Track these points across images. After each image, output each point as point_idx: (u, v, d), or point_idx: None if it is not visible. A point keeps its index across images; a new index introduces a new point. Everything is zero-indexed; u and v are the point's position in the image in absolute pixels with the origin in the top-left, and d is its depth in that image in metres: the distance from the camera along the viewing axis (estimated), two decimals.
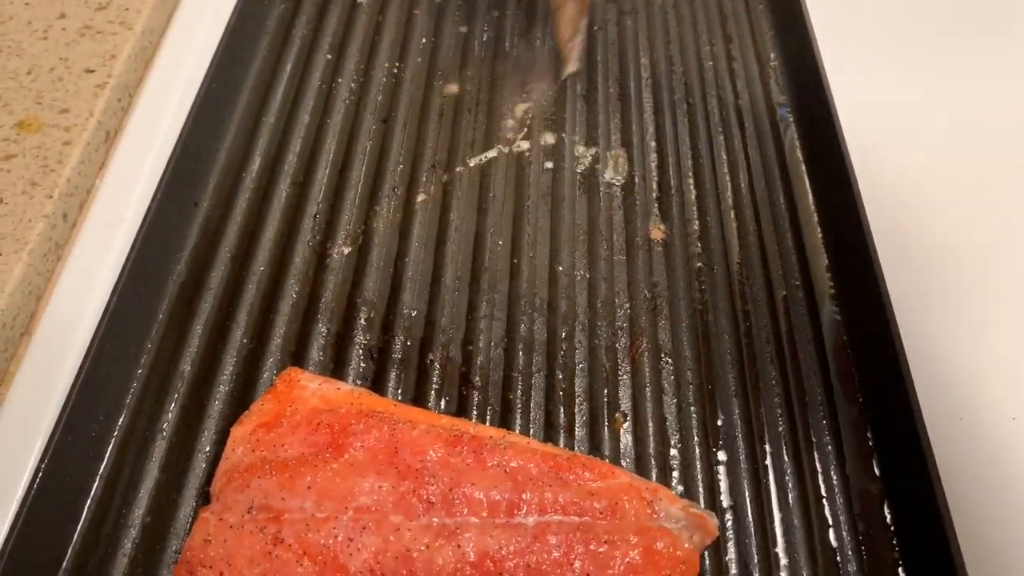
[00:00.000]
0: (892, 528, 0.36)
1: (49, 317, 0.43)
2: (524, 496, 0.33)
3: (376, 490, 0.33)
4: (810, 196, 0.48)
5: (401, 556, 0.31)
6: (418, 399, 0.39)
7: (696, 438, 0.38)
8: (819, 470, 0.38)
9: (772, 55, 0.56)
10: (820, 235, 0.46)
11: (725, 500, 0.37)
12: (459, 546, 0.31)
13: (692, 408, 0.39)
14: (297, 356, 0.40)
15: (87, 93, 0.51)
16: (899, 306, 0.40)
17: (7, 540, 0.32)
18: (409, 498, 0.33)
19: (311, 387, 0.37)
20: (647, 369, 0.40)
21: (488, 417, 0.39)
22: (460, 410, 0.39)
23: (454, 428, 0.35)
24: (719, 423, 0.39)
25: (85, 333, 0.41)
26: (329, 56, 0.54)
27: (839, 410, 0.40)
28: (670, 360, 0.41)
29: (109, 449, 0.37)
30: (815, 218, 0.47)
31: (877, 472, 0.38)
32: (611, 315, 0.42)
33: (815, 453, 0.38)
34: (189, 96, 0.52)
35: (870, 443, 0.38)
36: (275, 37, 0.55)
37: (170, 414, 0.38)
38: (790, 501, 0.37)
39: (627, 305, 0.42)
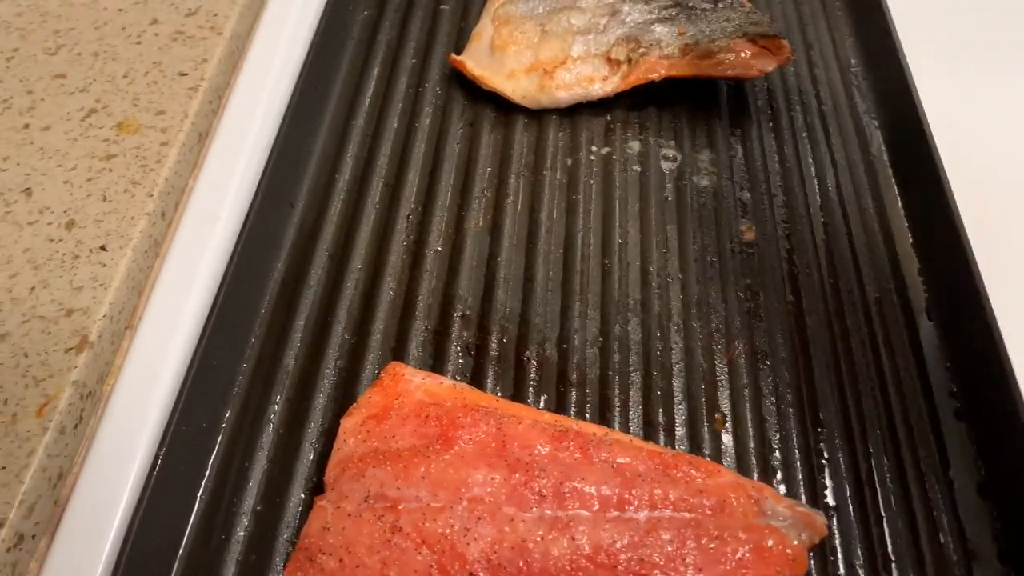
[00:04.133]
0: (998, 530, 0.36)
1: (150, 312, 0.44)
2: (634, 492, 0.33)
3: (488, 482, 0.33)
4: (899, 201, 0.48)
5: (517, 546, 0.32)
6: (517, 395, 0.39)
7: (796, 439, 0.38)
8: (922, 472, 0.37)
9: (853, 61, 0.56)
10: (910, 239, 0.46)
11: (828, 501, 0.37)
12: (573, 539, 0.32)
13: (791, 410, 0.39)
14: (397, 352, 0.41)
15: (181, 96, 0.53)
16: (995, 305, 0.40)
17: (129, 528, 0.33)
18: (521, 490, 0.33)
19: (415, 381, 0.37)
20: (744, 371, 0.40)
21: (587, 414, 0.39)
22: (559, 407, 0.39)
23: (558, 424, 0.36)
24: (819, 425, 0.39)
25: (186, 327, 0.43)
26: (414, 60, 0.55)
27: (939, 412, 0.39)
28: (767, 362, 0.41)
29: (219, 440, 0.38)
30: (905, 223, 0.47)
31: (982, 473, 0.37)
32: (705, 316, 0.42)
33: (917, 456, 0.38)
34: (278, 99, 0.53)
35: (973, 445, 0.38)
36: (360, 42, 0.56)
37: (276, 406, 0.39)
38: (893, 503, 0.36)
39: (721, 306, 0.43)
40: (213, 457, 0.37)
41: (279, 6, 0.60)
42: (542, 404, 0.39)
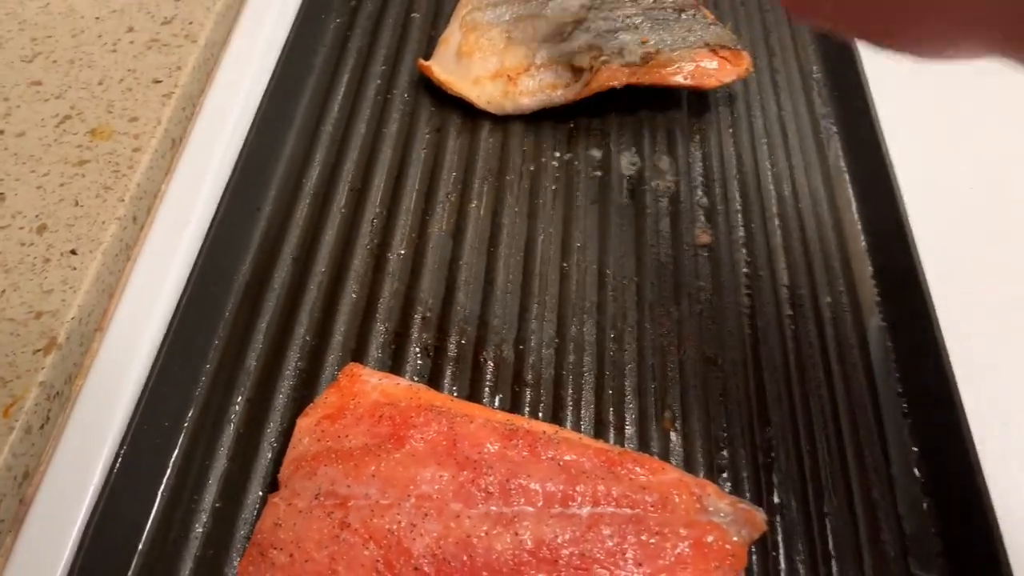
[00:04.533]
0: (937, 528, 0.37)
1: (120, 314, 0.45)
2: (578, 488, 0.34)
3: (437, 479, 0.34)
4: (853, 205, 0.49)
5: (461, 542, 0.33)
6: (473, 395, 0.40)
7: (744, 437, 0.39)
8: (866, 470, 0.38)
9: (815, 67, 0.57)
10: (863, 243, 0.47)
11: (774, 498, 0.38)
12: (517, 534, 0.33)
13: (739, 409, 0.40)
14: (357, 353, 0.42)
15: (154, 103, 0.54)
16: (943, 312, 0.41)
17: (87, 524, 0.34)
18: (468, 487, 0.34)
19: (372, 382, 0.38)
20: (695, 371, 0.41)
21: (540, 413, 0.40)
22: (513, 406, 0.40)
23: (509, 423, 0.37)
24: (767, 425, 0.40)
25: (154, 329, 0.44)
26: (384, 67, 0.56)
27: (884, 414, 0.40)
28: (718, 362, 0.42)
29: (180, 439, 0.39)
30: (859, 226, 0.48)
31: (918, 474, 0.38)
32: (659, 318, 0.43)
33: (862, 454, 0.39)
34: (250, 106, 0.54)
35: (914, 448, 0.39)
36: (332, 50, 0.57)
37: (237, 407, 0.40)
38: (835, 501, 0.38)
39: (674, 308, 0.44)
40: (174, 456, 0.38)
41: (254, 14, 0.61)
42: (497, 404, 0.40)
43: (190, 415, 0.40)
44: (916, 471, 0.39)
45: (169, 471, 0.38)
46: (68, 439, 0.40)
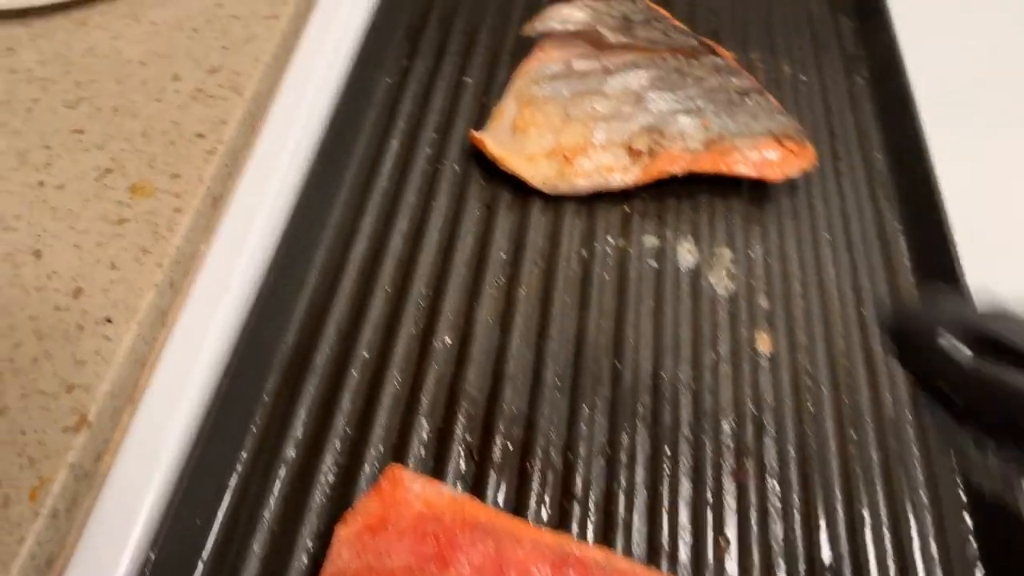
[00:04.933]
0: None
1: (154, 385, 0.44)
2: None
3: None
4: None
5: None
6: (519, 506, 0.39)
7: (803, 568, 0.37)
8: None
9: (878, 156, 0.55)
10: None
11: None
12: None
13: (798, 535, 0.38)
14: (398, 450, 0.40)
15: (197, 159, 0.52)
16: None
17: None
18: None
19: (415, 489, 0.36)
20: (752, 491, 0.39)
21: (590, 532, 0.38)
22: (561, 522, 0.38)
23: (559, 547, 0.35)
24: (824, 557, 0.38)
25: (189, 405, 0.42)
26: (435, 134, 0.54)
27: (948, 534, 0.38)
28: (776, 483, 0.40)
29: (212, 538, 0.37)
30: None
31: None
32: (716, 430, 0.41)
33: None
34: (296, 166, 0.53)
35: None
36: (382, 111, 0.56)
37: (272, 502, 0.38)
38: None
39: (733, 420, 0.42)
40: (205, 554, 0.37)
41: (302, 67, 0.60)
42: (544, 518, 0.38)
43: (223, 510, 0.38)
44: None
45: (199, 569, 0.36)
46: (94, 523, 0.38)
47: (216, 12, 0.63)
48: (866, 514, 0.39)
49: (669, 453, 0.40)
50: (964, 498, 0.40)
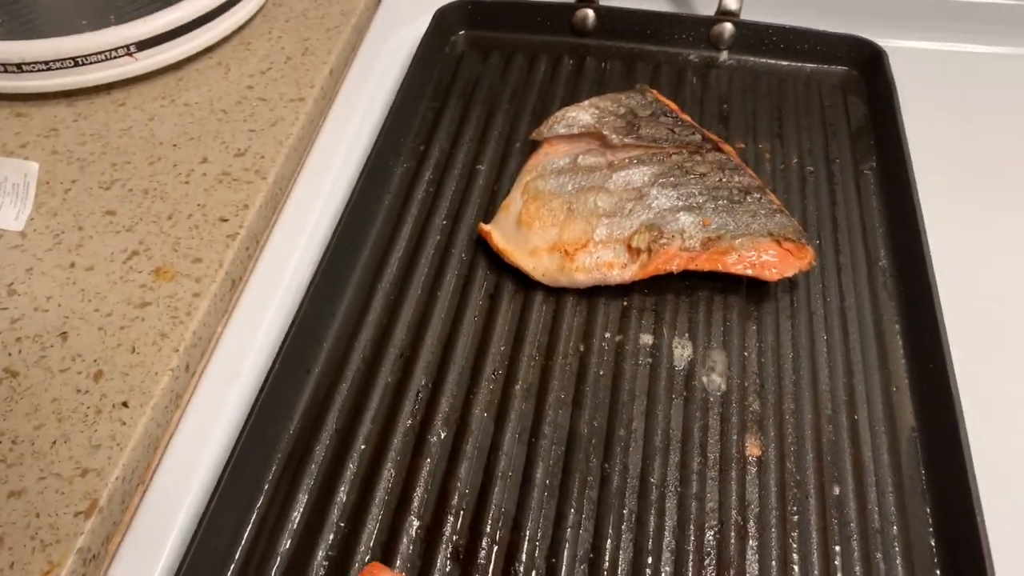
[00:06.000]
0: None
1: (165, 468, 0.46)
2: None
3: None
4: (912, 420, 0.47)
5: None
6: None
7: None
8: None
9: (882, 252, 0.56)
10: (923, 475, 0.45)
11: None
12: None
13: None
14: (387, 547, 0.41)
15: (219, 243, 0.55)
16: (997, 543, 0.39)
17: None
18: None
19: None
20: None
21: None
22: None
23: None
24: None
25: (195, 491, 0.44)
26: (444, 221, 0.56)
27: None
28: None
29: None
30: (918, 449, 0.46)
31: None
32: (700, 538, 0.42)
33: None
34: (312, 251, 0.55)
35: None
36: (396, 197, 0.58)
37: None
38: None
39: (716, 527, 0.42)
40: None
41: (324, 151, 0.63)
42: None
43: None
44: None
45: None
46: None
47: (246, 94, 0.67)
48: None
49: (651, 562, 0.41)
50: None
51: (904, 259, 0.54)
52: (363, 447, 0.45)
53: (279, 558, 0.41)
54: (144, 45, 0.63)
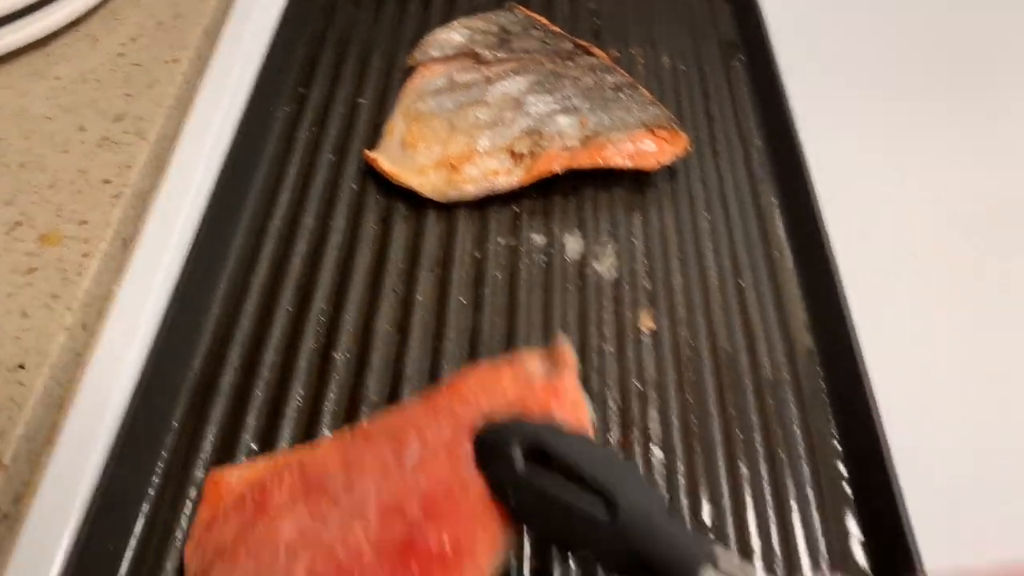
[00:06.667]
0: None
1: (70, 426, 0.45)
2: (408, 438, 0.36)
3: (296, 521, 0.35)
4: (796, 280, 0.50)
5: (328, 557, 0.33)
6: None
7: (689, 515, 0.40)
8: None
9: (755, 134, 0.58)
10: (806, 321, 0.48)
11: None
12: (364, 516, 0.34)
13: (682, 496, 0.41)
14: None
15: (104, 204, 0.54)
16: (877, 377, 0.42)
17: None
18: (320, 507, 0.35)
19: (235, 476, 0.39)
20: (638, 458, 0.42)
21: None
22: None
23: (353, 429, 0.39)
24: (706, 515, 0.40)
25: (103, 442, 0.44)
26: (332, 157, 0.57)
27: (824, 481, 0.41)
28: (660, 450, 0.42)
29: (126, 563, 0.39)
30: (802, 306, 0.48)
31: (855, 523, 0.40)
32: (603, 407, 0.44)
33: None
34: (200, 202, 0.55)
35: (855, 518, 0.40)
36: (280, 140, 0.58)
37: (183, 524, 0.40)
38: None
39: (618, 397, 0.44)
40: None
41: (204, 107, 0.62)
42: None
43: (137, 533, 0.40)
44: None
45: None
46: (15, 563, 0.40)
47: (119, 62, 0.65)
48: (746, 471, 0.42)
49: None
50: (839, 448, 0.43)
51: (776, 139, 0.57)
52: (268, 374, 0.46)
53: (196, 487, 0.41)
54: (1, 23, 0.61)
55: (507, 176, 0.52)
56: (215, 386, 0.45)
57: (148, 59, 0.65)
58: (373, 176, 0.55)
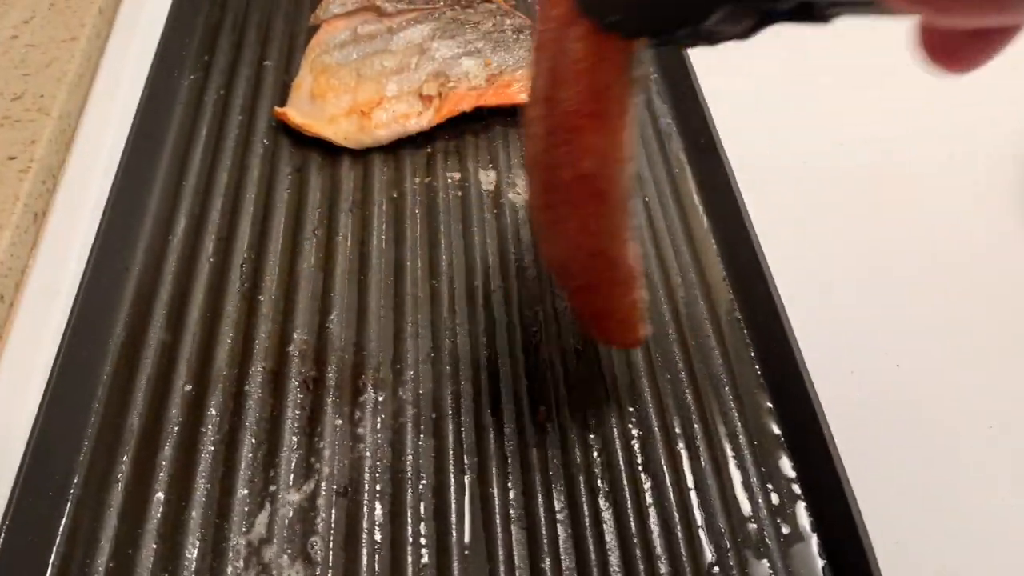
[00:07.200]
0: (793, 476, 0.40)
1: None
2: None
3: None
4: (696, 197, 0.53)
5: None
6: (353, 419, 0.42)
7: (615, 427, 0.42)
8: (725, 436, 0.42)
9: (652, 69, 0.61)
10: (707, 225, 0.51)
11: (643, 471, 0.40)
12: None
13: (607, 397, 0.43)
14: (236, 397, 0.43)
15: (11, 179, 0.53)
16: (786, 294, 0.44)
17: None
18: None
19: None
20: (564, 366, 0.44)
21: (422, 427, 0.42)
22: (395, 420, 0.42)
23: None
24: (634, 409, 0.43)
25: (32, 404, 0.43)
26: (241, 116, 0.57)
27: (740, 387, 0.44)
28: (583, 355, 0.44)
29: (67, 506, 0.39)
30: (706, 223, 0.51)
31: (777, 431, 0.42)
32: (529, 320, 0.46)
33: (721, 426, 0.42)
34: (111, 171, 0.55)
35: (773, 417, 0.43)
36: (188, 106, 0.58)
37: (123, 466, 0.40)
38: (703, 463, 0.41)
39: (540, 310, 0.46)
40: (63, 524, 0.38)
41: (107, 80, 0.62)
42: (379, 425, 0.42)
43: (75, 481, 0.40)
44: (771, 428, 0.42)
45: (59, 538, 0.38)
46: None
47: (12, 44, 0.64)
48: (674, 407, 0.44)
49: (486, 351, 0.44)
50: (763, 381, 0.45)
51: (668, 65, 0.60)
52: (196, 320, 0.46)
53: (131, 433, 0.42)
54: None
55: (418, 119, 0.53)
56: (143, 338, 0.45)
57: (44, 39, 0.64)
58: (286, 131, 0.56)
